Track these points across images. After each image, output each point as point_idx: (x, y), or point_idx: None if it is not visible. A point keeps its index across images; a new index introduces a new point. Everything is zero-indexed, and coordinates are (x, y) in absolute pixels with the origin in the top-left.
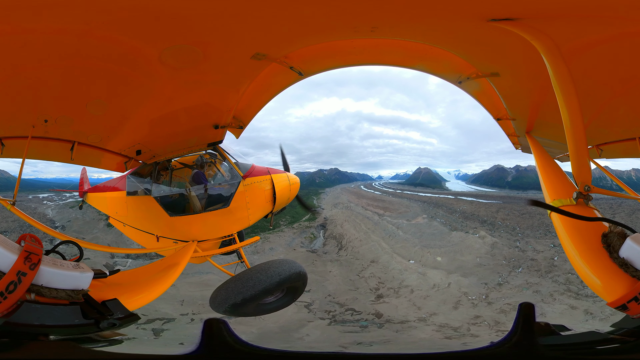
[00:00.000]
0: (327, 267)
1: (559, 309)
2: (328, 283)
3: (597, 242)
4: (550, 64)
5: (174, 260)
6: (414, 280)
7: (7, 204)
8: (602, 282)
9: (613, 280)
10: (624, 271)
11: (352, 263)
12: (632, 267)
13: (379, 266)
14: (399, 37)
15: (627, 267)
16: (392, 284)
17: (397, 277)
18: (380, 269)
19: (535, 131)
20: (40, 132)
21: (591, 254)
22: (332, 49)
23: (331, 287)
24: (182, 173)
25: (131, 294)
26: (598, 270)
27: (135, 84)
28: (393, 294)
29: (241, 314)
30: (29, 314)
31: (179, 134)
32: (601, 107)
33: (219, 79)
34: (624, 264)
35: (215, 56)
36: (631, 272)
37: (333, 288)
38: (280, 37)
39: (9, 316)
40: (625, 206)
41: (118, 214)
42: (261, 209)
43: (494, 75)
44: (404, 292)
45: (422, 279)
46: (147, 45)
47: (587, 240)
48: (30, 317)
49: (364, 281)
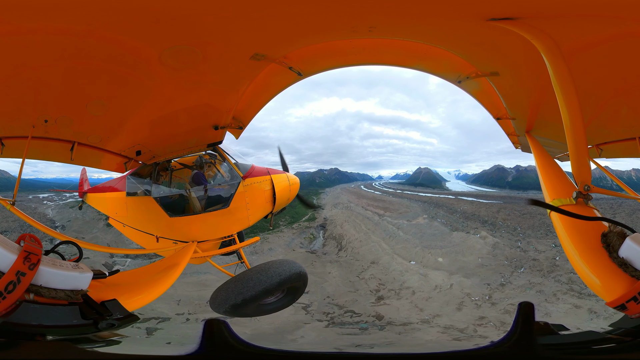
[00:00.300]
0: (326, 268)
1: (563, 308)
2: (327, 284)
3: (597, 242)
4: (551, 63)
5: (174, 260)
6: (415, 282)
7: (7, 203)
8: (601, 282)
9: (612, 279)
10: (623, 271)
11: (352, 264)
12: (632, 267)
13: (380, 267)
14: (398, 36)
15: (627, 267)
16: (393, 285)
17: (398, 279)
18: (381, 270)
19: (535, 130)
20: (41, 132)
21: (591, 253)
22: (331, 49)
23: (330, 288)
24: (182, 174)
25: (130, 294)
26: (597, 270)
27: (136, 84)
28: (394, 295)
29: (241, 314)
30: (28, 314)
31: (178, 135)
32: (601, 106)
33: (219, 80)
34: (624, 264)
35: (214, 57)
36: (630, 272)
37: (332, 290)
38: (278, 37)
39: (8, 316)
40: (625, 206)
41: (118, 215)
42: (261, 209)
43: (493, 74)
44: (405, 293)
45: (424, 280)
46: (147, 46)
47: (586, 240)
48: (28, 317)
49: (364, 283)
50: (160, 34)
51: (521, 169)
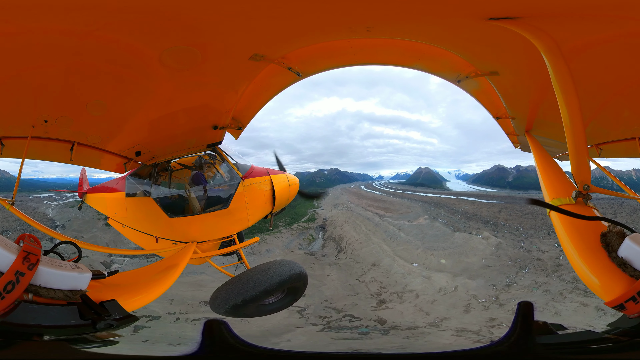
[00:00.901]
0: (325, 270)
1: (571, 307)
2: (325, 288)
3: (596, 242)
4: (551, 62)
5: (174, 261)
6: (418, 284)
7: (7, 204)
8: (600, 282)
9: (611, 279)
10: (622, 271)
11: (351, 267)
12: (631, 267)
13: (381, 270)
14: (396, 36)
15: (626, 267)
16: (395, 288)
17: (400, 281)
18: (382, 273)
19: (534, 130)
20: (40, 132)
21: (590, 253)
22: (330, 49)
23: (328, 292)
24: (182, 174)
25: (130, 295)
26: (596, 270)
27: (136, 85)
28: (397, 299)
29: (242, 315)
30: (26, 314)
31: (178, 135)
32: (601, 106)
33: (218, 80)
34: (623, 264)
35: (214, 57)
36: (629, 272)
37: (330, 293)
38: (277, 37)
39: (6, 316)
40: (626, 206)
41: (117, 215)
42: (261, 209)
43: (493, 74)
44: (409, 296)
45: (427, 283)
46: (147, 47)
47: (585, 240)
48: (27, 317)
49: (364, 286)
50: (160, 34)
51: (522, 169)
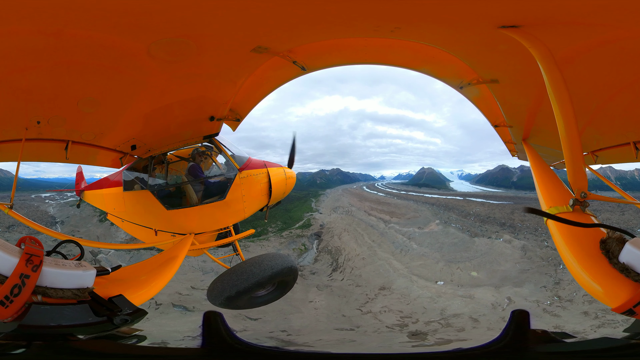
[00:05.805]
0: (309, 294)
1: None
2: (297, 317)
3: (596, 249)
4: (545, 70)
5: (173, 253)
6: (461, 306)
7: (5, 208)
8: (603, 289)
9: (615, 285)
10: (625, 276)
11: (350, 292)
12: (634, 272)
13: (395, 295)
14: (416, 39)
15: (629, 272)
16: (429, 315)
17: (431, 307)
18: (398, 299)
19: (531, 138)
20: (34, 133)
21: (590, 260)
22: (342, 45)
23: (299, 322)
24: (178, 166)
25: (134, 289)
26: (598, 277)
27: (125, 78)
28: (441, 328)
29: (235, 306)
30: (40, 315)
31: (173, 127)
32: (594, 113)
33: (215, 72)
34: (625, 269)
35: (210, 49)
36: (633, 277)
37: (303, 324)
38: (288, 32)
39: (20, 319)
40: (630, 205)
41: (116, 210)
42: (257, 201)
43: (493, 81)
44: (461, 322)
45: (473, 302)
46: (130, 40)
47: (585, 247)
48: (42, 319)
49: (371, 317)
50: (143, 28)
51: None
